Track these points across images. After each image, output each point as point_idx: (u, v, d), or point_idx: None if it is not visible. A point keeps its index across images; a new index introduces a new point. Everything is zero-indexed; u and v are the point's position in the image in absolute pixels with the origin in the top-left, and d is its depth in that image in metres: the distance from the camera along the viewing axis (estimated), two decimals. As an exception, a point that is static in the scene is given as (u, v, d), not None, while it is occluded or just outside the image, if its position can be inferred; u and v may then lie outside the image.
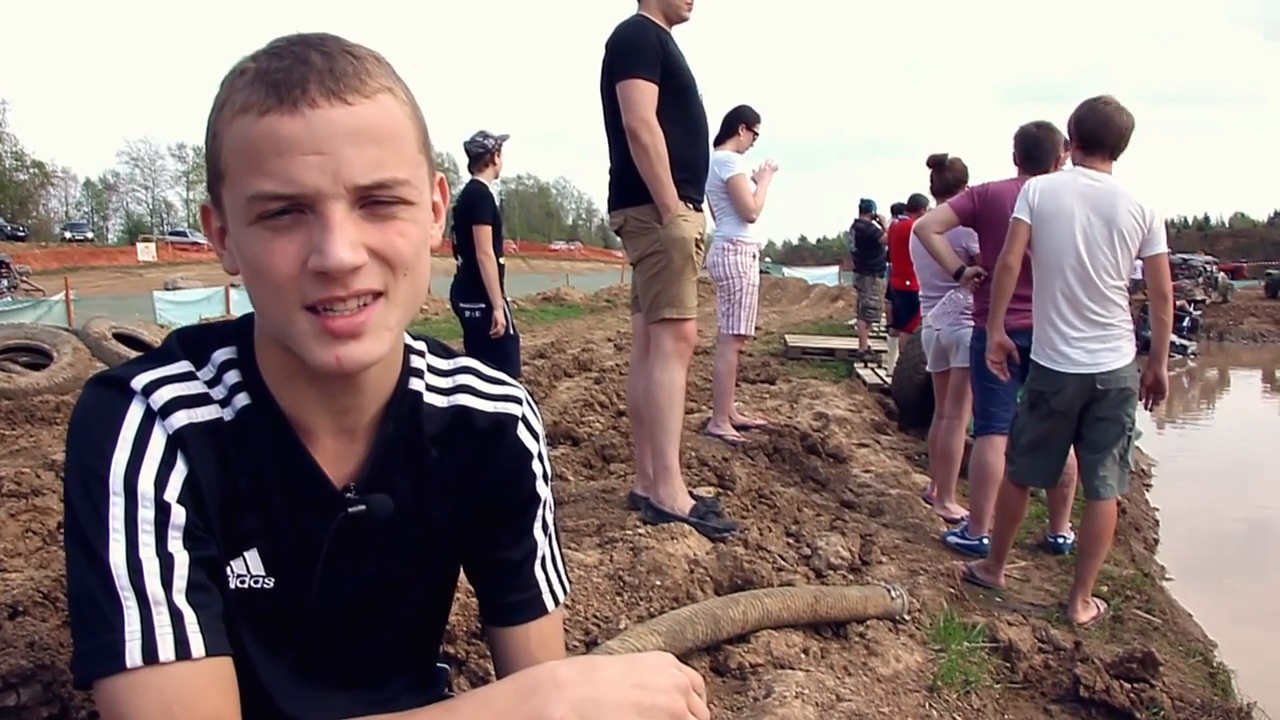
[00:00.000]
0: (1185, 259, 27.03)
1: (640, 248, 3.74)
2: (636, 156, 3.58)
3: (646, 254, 3.73)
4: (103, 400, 1.02)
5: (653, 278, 3.73)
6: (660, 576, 3.03)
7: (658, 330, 3.78)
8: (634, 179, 3.66)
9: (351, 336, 0.96)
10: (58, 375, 8.42)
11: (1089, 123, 3.67)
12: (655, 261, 3.71)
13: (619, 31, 3.66)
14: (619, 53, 3.61)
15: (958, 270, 4.61)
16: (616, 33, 3.66)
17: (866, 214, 12.59)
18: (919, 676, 2.87)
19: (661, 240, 3.68)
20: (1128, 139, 3.68)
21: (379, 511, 1.12)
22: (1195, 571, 5.47)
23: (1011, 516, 4.04)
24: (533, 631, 1.27)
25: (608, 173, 3.89)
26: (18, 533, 3.83)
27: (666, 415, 3.75)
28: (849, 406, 8.14)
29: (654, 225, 3.68)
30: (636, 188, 3.67)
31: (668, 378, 3.75)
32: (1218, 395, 14.93)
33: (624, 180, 3.73)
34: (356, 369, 0.98)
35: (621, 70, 3.57)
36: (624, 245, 3.94)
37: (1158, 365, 3.70)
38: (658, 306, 3.73)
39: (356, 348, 0.96)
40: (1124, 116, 3.65)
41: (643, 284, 3.80)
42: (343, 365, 0.97)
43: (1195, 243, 67.67)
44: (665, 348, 3.76)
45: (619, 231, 3.87)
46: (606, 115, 3.77)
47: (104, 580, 0.95)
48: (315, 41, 0.96)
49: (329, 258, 0.91)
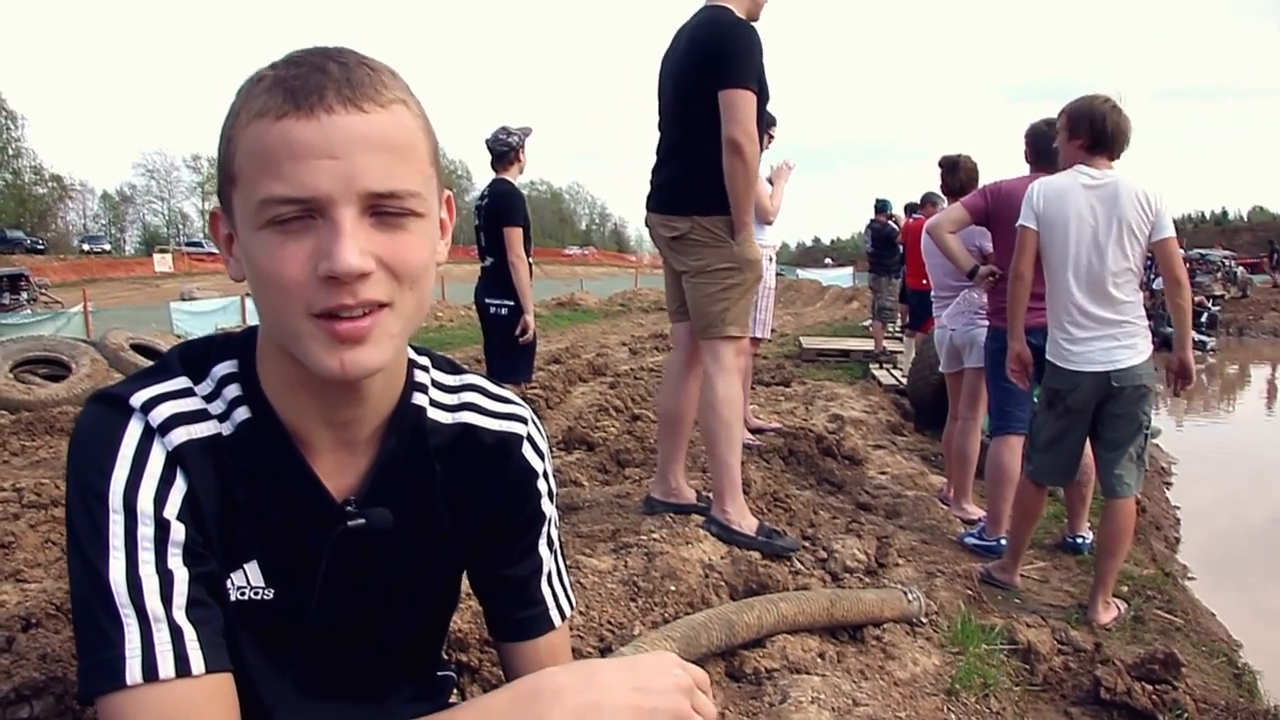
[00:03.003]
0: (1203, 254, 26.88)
1: (706, 259, 3.57)
2: (732, 169, 3.42)
3: (715, 268, 3.56)
4: (102, 418, 1.03)
5: (720, 293, 3.56)
6: (675, 582, 3.01)
7: (719, 346, 3.62)
8: (712, 187, 3.49)
9: (356, 341, 0.95)
10: (76, 386, 8.50)
11: (1100, 124, 3.65)
12: (726, 277, 3.56)
13: (725, 33, 3.42)
14: (728, 58, 3.37)
15: (972, 269, 4.58)
16: (721, 34, 3.42)
17: (882, 214, 12.54)
18: (937, 680, 2.84)
19: (736, 257, 3.55)
20: (1123, 138, 3.68)
21: (378, 525, 1.12)
22: (1218, 570, 5.40)
23: (1029, 515, 4.01)
24: (541, 645, 1.28)
25: (653, 172, 3.74)
26: (37, 543, 3.87)
27: (734, 430, 3.66)
28: (864, 408, 8.11)
29: (726, 239, 3.54)
30: (712, 197, 3.51)
31: (732, 393, 3.64)
32: (1239, 391, 14.79)
33: (698, 186, 3.54)
34: (360, 375, 0.98)
35: (729, 78, 3.36)
36: (674, 252, 3.68)
37: (1182, 350, 3.67)
38: (723, 323, 3.58)
39: (361, 353, 0.96)
40: (1124, 117, 3.65)
41: (703, 297, 3.60)
42: (346, 370, 0.96)
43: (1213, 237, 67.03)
44: (726, 363, 3.62)
45: (677, 238, 3.63)
46: (674, 112, 3.60)
47: (104, 597, 0.96)
48: (333, 53, 0.97)
49: (338, 262, 0.91)
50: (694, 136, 3.50)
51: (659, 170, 3.72)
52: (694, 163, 3.53)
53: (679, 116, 3.60)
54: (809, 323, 21.37)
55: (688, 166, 3.57)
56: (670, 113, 3.64)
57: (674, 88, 3.59)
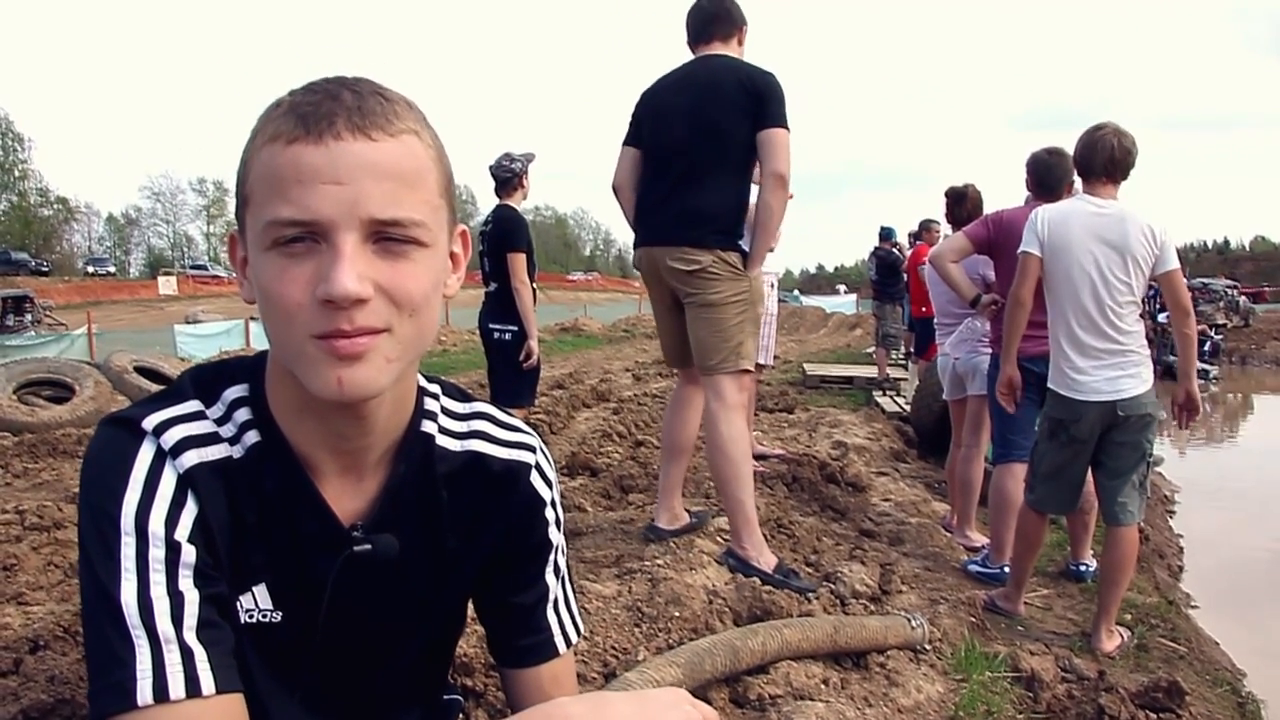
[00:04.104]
0: (1205, 283, 26.85)
1: (723, 293, 3.61)
2: (773, 206, 3.57)
3: (731, 300, 3.62)
4: (115, 441, 1.04)
5: (734, 326, 3.62)
6: (679, 607, 3.02)
7: (724, 381, 3.66)
8: (732, 221, 3.66)
9: (354, 358, 0.95)
10: (80, 409, 8.50)
11: (1080, 150, 3.69)
12: (740, 311, 3.63)
13: (766, 78, 3.58)
14: (777, 101, 3.55)
15: (974, 298, 4.60)
16: (763, 79, 3.58)
17: (887, 242, 12.57)
18: (940, 707, 2.84)
19: (750, 291, 3.65)
20: (1127, 163, 3.66)
21: (384, 551, 1.12)
22: (1221, 599, 5.39)
23: (1031, 544, 4.00)
24: (545, 672, 1.28)
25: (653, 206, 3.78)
26: (40, 565, 3.86)
27: (744, 468, 3.69)
28: (868, 435, 8.11)
29: (742, 272, 3.64)
30: (731, 230, 3.66)
31: (738, 430, 3.67)
32: (1241, 420, 14.78)
33: (721, 220, 3.65)
34: (358, 396, 0.98)
35: (777, 118, 3.53)
36: (687, 285, 3.68)
37: (1188, 381, 3.65)
38: (737, 356, 3.63)
39: (359, 371, 0.96)
40: (1118, 140, 3.63)
41: (716, 331, 3.63)
42: (344, 389, 0.96)
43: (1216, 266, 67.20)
44: (730, 399, 3.66)
45: (695, 271, 3.63)
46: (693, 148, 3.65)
47: (116, 619, 0.97)
48: (349, 82, 0.99)
49: (335, 285, 0.92)
50: (722, 173, 3.63)
51: (666, 204, 3.73)
52: (719, 198, 3.64)
53: (701, 152, 3.65)
54: (812, 349, 21.36)
55: (712, 200, 3.65)
56: (685, 148, 3.68)
57: (693, 125, 3.65)
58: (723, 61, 3.70)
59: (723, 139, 3.61)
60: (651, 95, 3.84)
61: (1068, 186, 4.45)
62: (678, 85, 3.76)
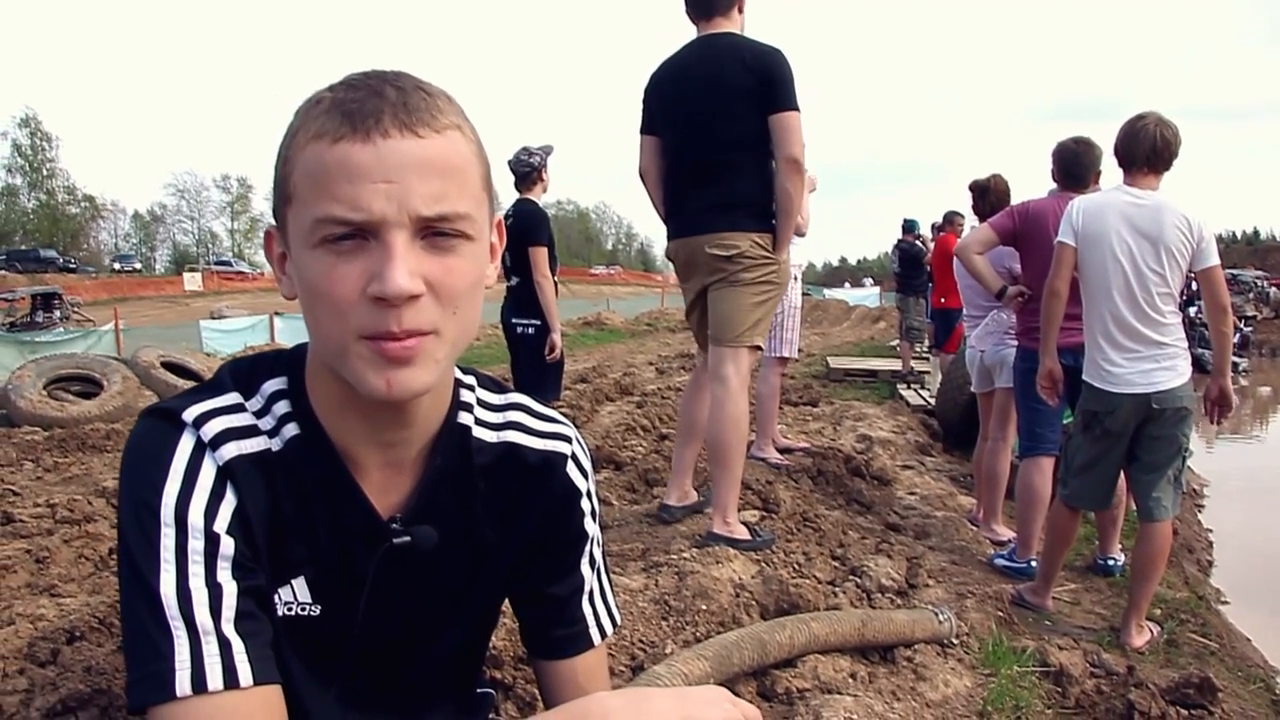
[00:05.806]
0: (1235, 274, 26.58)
1: (755, 273, 3.70)
2: (794, 185, 3.62)
3: (760, 280, 3.71)
4: (155, 432, 1.05)
5: (759, 304, 3.72)
6: (706, 601, 3.02)
7: (743, 354, 3.75)
8: (761, 204, 3.70)
9: (403, 362, 0.96)
10: (108, 404, 8.61)
11: (1122, 140, 3.64)
12: (766, 291, 3.72)
13: (774, 59, 3.58)
14: (783, 83, 3.56)
15: (1000, 290, 4.57)
16: (771, 59, 3.58)
17: (910, 234, 12.53)
18: (968, 701, 2.83)
19: (779, 270, 3.74)
20: (1169, 154, 3.61)
21: (423, 543, 1.13)
22: (1252, 594, 5.32)
23: (1062, 539, 3.97)
24: (579, 664, 1.28)
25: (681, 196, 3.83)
26: (71, 559, 3.91)
27: (741, 445, 3.82)
28: (892, 428, 8.08)
29: (772, 253, 3.71)
30: (761, 213, 3.71)
31: (740, 410, 3.75)
32: (1271, 412, 14.61)
33: (751, 204, 3.71)
34: (405, 396, 0.99)
35: (786, 101, 3.55)
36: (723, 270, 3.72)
37: (1222, 378, 3.62)
38: (754, 332, 3.73)
39: (407, 374, 0.97)
40: (1160, 130, 3.58)
41: (738, 306, 3.71)
42: (392, 390, 0.97)
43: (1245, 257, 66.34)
44: (745, 372, 3.77)
45: (732, 256, 3.68)
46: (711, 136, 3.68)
47: (155, 610, 0.98)
48: (390, 77, 0.99)
49: (389, 284, 0.92)
50: (742, 157, 3.66)
51: (693, 193, 3.77)
52: (745, 182, 3.69)
53: (715, 142, 3.67)
54: (836, 343, 21.28)
55: (740, 186, 3.69)
56: (699, 140, 3.71)
57: (703, 117, 3.67)
58: (726, 42, 3.68)
59: (734, 127, 3.64)
60: (657, 84, 3.86)
61: (1095, 177, 4.41)
62: (682, 73, 3.77)
